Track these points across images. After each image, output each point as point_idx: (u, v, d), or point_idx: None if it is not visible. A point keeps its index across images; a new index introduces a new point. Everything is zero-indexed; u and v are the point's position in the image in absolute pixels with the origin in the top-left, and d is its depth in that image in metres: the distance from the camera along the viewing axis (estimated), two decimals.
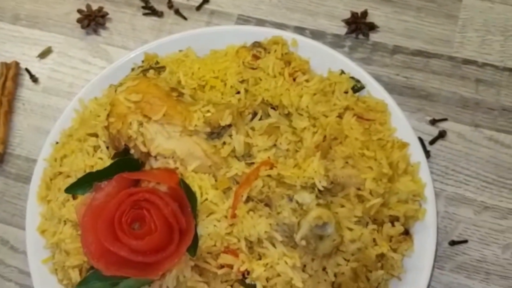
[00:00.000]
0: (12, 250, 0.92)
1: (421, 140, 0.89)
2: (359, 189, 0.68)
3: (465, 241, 0.86)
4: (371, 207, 0.67)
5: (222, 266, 0.65)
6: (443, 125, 0.93)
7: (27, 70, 1.02)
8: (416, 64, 0.97)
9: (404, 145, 0.74)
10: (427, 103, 0.94)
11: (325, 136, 0.69)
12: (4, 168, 0.97)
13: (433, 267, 0.76)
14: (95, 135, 0.74)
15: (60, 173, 0.76)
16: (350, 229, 0.65)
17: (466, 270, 0.84)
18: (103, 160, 0.72)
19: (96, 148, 0.74)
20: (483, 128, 0.92)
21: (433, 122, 0.92)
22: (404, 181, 0.71)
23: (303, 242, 0.61)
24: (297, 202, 0.62)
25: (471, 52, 0.97)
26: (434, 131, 0.92)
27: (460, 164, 0.90)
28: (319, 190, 0.65)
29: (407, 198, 0.71)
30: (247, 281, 0.65)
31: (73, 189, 0.68)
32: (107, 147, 0.73)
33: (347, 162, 0.68)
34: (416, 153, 0.75)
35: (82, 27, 1.03)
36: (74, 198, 0.72)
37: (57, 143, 0.81)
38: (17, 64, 1.02)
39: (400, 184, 0.71)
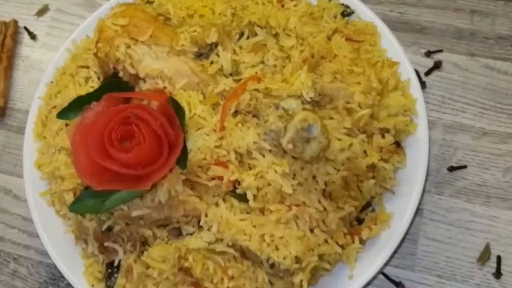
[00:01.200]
0: (15, 198, 0.94)
1: (416, 71, 0.88)
2: (348, 102, 0.68)
3: (464, 167, 0.85)
4: (360, 118, 0.67)
5: (213, 179, 0.66)
6: (438, 57, 0.92)
7: (25, 28, 1.04)
8: None
9: (394, 63, 0.74)
10: (421, 37, 0.94)
11: (312, 54, 0.69)
12: (6, 121, 0.99)
13: (426, 183, 0.75)
14: (86, 67, 0.75)
15: (54, 107, 0.77)
16: (340, 140, 0.65)
17: (466, 195, 0.84)
18: (94, 88, 0.73)
19: (87, 79, 0.75)
20: (479, 57, 0.91)
21: (428, 54, 0.92)
22: (394, 96, 0.71)
23: (290, 146, 0.61)
24: (283, 108, 0.62)
25: None
26: (430, 63, 0.92)
27: (457, 93, 0.90)
28: (306, 101, 0.65)
29: (398, 113, 0.71)
30: (238, 191, 0.65)
31: (65, 114, 0.70)
32: (98, 78, 0.74)
33: (335, 77, 0.68)
34: (406, 73, 0.75)
35: None
36: (67, 126, 0.73)
37: (51, 82, 0.82)
38: (15, 22, 1.04)
39: (390, 100, 0.71)
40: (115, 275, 0.70)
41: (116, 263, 0.69)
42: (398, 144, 0.71)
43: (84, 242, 0.71)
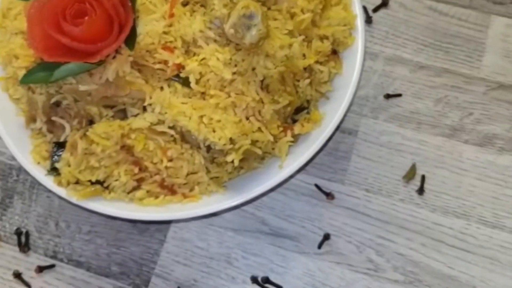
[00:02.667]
0: None
1: (364, 8, 0.94)
2: (292, 7, 0.73)
3: (399, 95, 0.92)
4: (301, 22, 0.72)
5: (159, 63, 0.70)
6: None
7: None
8: None
9: None
10: None
11: None
12: None
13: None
14: None
15: None
16: (280, 39, 0.70)
17: (399, 120, 0.90)
18: None
19: None
20: None
21: None
22: (335, 10, 0.77)
23: (232, 31, 0.66)
24: None
25: None
26: (378, 1, 0.98)
27: (400, 29, 0.96)
28: None
29: (338, 25, 0.76)
30: (181, 75, 0.70)
31: None
32: None
33: None
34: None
35: None
36: None
37: None
38: None
39: (331, 12, 0.77)
40: (60, 153, 0.73)
41: (62, 139, 0.73)
42: (335, 52, 0.76)
43: (33, 120, 0.74)
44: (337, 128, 0.79)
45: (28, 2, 0.72)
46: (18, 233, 0.87)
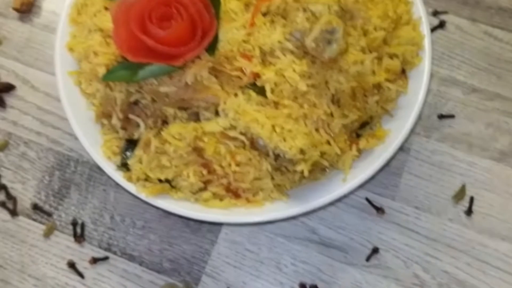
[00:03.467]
0: (33, 89, 0.99)
1: None
2: (365, 24, 0.75)
3: (452, 116, 0.94)
4: (374, 39, 0.75)
5: (236, 70, 0.72)
6: (443, 17, 1.00)
7: None
8: None
9: (408, 2, 0.82)
10: None
11: None
12: (32, 18, 1.04)
13: (419, 126, 0.83)
14: None
15: None
16: (354, 54, 0.72)
17: (451, 141, 0.92)
18: None
19: None
20: (480, 23, 1.00)
21: (435, 13, 1.00)
22: (406, 29, 0.79)
23: (313, 44, 0.68)
24: (311, 11, 0.69)
25: None
26: (435, 21, 1.00)
27: (455, 51, 0.98)
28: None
29: (407, 44, 0.78)
30: (257, 84, 0.72)
31: None
32: None
33: (357, 0, 0.75)
34: (418, 13, 0.82)
35: None
36: (106, 10, 0.78)
37: None
38: None
39: (401, 31, 0.79)
40: (132, 151, 0.75)
41: (136, 137, 0.75)
42: (403, 71, 0.79)
43: (108, 116, 0.76)
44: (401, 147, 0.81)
45: (113, 2, 0.74)
46: (74, 223, 0.89)
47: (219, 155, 0.73)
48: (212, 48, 0.71)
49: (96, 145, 0.78)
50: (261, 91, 0.72)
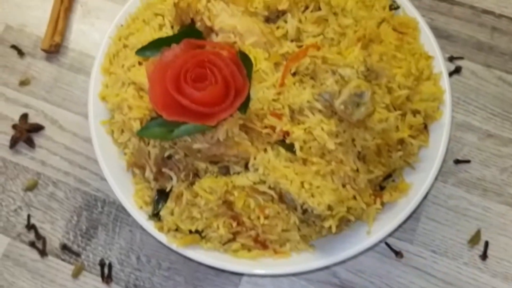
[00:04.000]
0: (61, 129, 1.02)
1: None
2: (389, 81, 0.78)
3: (468, 161, 0.97)
4: (398, 97, 0.78)
5: (266, 127, 0.75)
6: (459, 63, 1.04)
7: None
8: (441, 8, 1.08)
9: (429, 57, 0.85)
10: (447, 43, 1.05)
11: (365, 35, 0.80)
12: (59, 58, 1.07)
13: (441, 168, 0.86)
14: (161, 15, 0.84)
15: (125, 46, 0.86)
16: (379, 112, 0.76)
17: (466, 186, 0.95)
18: (168, 34, 0.82)
19: (161, 26, 0.84)
20: (494, 69, 1.03)
21: (451, 59, 1.03)
22: (427, 85, 0.82)
23: (342, 107, 0.72)
24: (340, 74, 0.73)
25: (490, 4, 1.08)
26: (451, 67, 1.03)
27: (471, 97, 1.01)
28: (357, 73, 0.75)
29: (428, 99, 0.82)
30: (287, 141, 0.75)
31: (143, 52, 0.78)
32: (172, 26, 0.83)
33: (381, 58, 0.79)
34: (438, 67, 0.86)
35: None
36: (140, 64, 0.82)
37: (122, 25, 0.90)
38: None
39: (423, 87, 0.82)
40: (163, 202, 0.79)
41: (168, 190, 0.78)
42: (425, 126, 0.82)
43: (141, 168, 0.79)
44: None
45: (149, 59, 0.77)
46: (102, 264, 0.92)
47: (248, 208, 0.76)
48: (244, 107, 0.74)
49: (127, 193, 0.81)
50: (289, 148, 0.75)
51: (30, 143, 1.00)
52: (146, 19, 0.86)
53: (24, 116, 1.02)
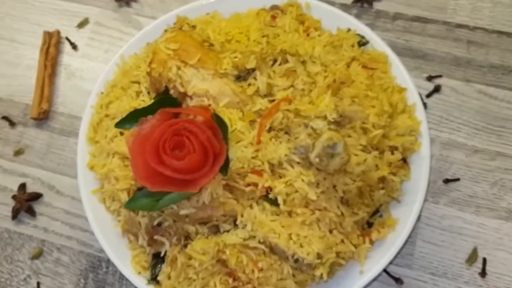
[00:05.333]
0: (58, 194, 1.05)
1: (418, 94, 1.01)
2: (363, 123, 0.80)
3: (458, 179, 0.98)
4: (374, 137, 0.79)
5: (249, 185, 0.78)
6: (438, 81, 1.05)
7: (67, 38, 1.15)
8: (414, 28, 1.09)
9: (402, 90, 0.86)
10: (424, 62, 1.07)
11: (334, 80, 0.82)
12: (49, 123, 1.10)
13: (427, 192, 0.88)
14: (137, 82, 0.87)
15: (107, 115, 0.88)
16: (356, 155, 0.78)
17: (459, 204, 0.97)
18: (145, 101, 0.85)
19: (138, 93, 0.86)
20: (474, 83, 1.04)
21: (429, 78, 1.05)
22: (402, 118, 0.84)
23: (317, 160, 0.74)
24: (312, 127, 0.74)
25: (464, 17, 1.09)
26: (430, 86, 1.05)
27: (453, 114, 1.03)
28: (330, 122, 0.77)
29: (405, 133, 0.83)
30: (270, 196, 0.77)
31: (122, 124, 0.81)
32: (148, 92, 0.86)
33: (353, 101, 0.80)
34: (412, 97, 0.87)
35: (116, 0, 1.16)
36: (121, 134, 0.84)
37: (102, 93, 0.93)
38: (58, 33, 1.15)
39: (398, 121, 0.83)
40: (160, 265, 0.81)
41: (162, 254, 0.81)
42: (404, 160, 0.83)
43: (134, 235, 0.82)
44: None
45: (129, 131, 0.79)
46: None
47: (242, 264, 0.79)
48: (224, 168, 0.76)
49: (125, 260, 0.84)
50: (274, 202, 0.77)
51: (31, 212, 1.03)
52: (124, 85, 0.88)
53: (22, 186, 1.05)
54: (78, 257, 1.00)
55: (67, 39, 1.15)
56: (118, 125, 0.81)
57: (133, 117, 0.80)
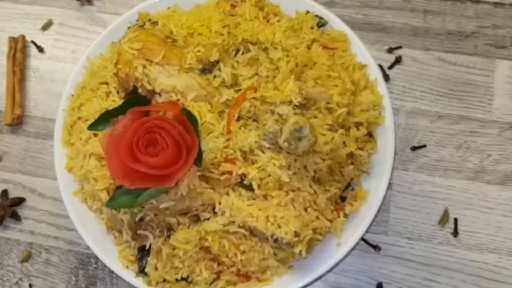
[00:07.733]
0: (41, 196, 1.07)
1: (380, 66, 1.05)
2: (328, 103, 0.83)
3: (424, 146, 1.02)
4: (339, 116, 0.83)
5: (223, 173, 0.81)
6: (398, 52, 1.08)
7: (33, 42, 1.16)
8: (372, 2, 1.12)
9: (363, 66, 0.90)
10: (384, 35, 1.10)
11: (297, 64, 0.85)
12: (24, 128, 1.12)
13: (394, 163, 0.92)
14: (106, 83, 0.89)
15: (79, 118, 0.90)
16: (323, 135, 0.81)
17: (427, 169, 1.01)
18: (115, 102, 0.87)
19: (108, 93, 0.88)
20: (433, 51, 1.08)
21: (390, 50, 1.08)
22: (365, 94, 0.87)
23: (286, 144, 0.77)
24: (278, 114, 0.78)
25: None
26: (391, 58, 1.08)
27: (415, 83, 1.06)
28: (295, 105, 0.81)
29: (369, 108, 0.87)
30: (245, 182, 0.81)
31: (95, 126, 0.83)
32: (117, 92, 0.88)
33: (317, 82, 0.84)
34: (374, 73, 0.90)
35: None
36: (95, 135, 0.87)
37: (72, 95, 0.95)
38: (23, 37, 1.16)
39: (361, 97, 0.87)
40: (146, 258, 0.85)
41: (147, 247, 0.84)
42: (370, 134, 0.87)
43: (118, 232, 0.85)
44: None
45: (102, 133, 0.82)
46: None
47: (224, 249, 0.82)
48: (198, 160, 0.79)
49: (112, 255, 0.87)
50: (249, 187, 0.81)
51: (16, 217, 1.05)
52: (93, 87, 0.90)
53: (4, 192, 1.07)
54: (67, 256, 1.02)
55: (33, 42, 1.15)
56: (91, 127, 0.83)
57: (105, 118, 0.82)
